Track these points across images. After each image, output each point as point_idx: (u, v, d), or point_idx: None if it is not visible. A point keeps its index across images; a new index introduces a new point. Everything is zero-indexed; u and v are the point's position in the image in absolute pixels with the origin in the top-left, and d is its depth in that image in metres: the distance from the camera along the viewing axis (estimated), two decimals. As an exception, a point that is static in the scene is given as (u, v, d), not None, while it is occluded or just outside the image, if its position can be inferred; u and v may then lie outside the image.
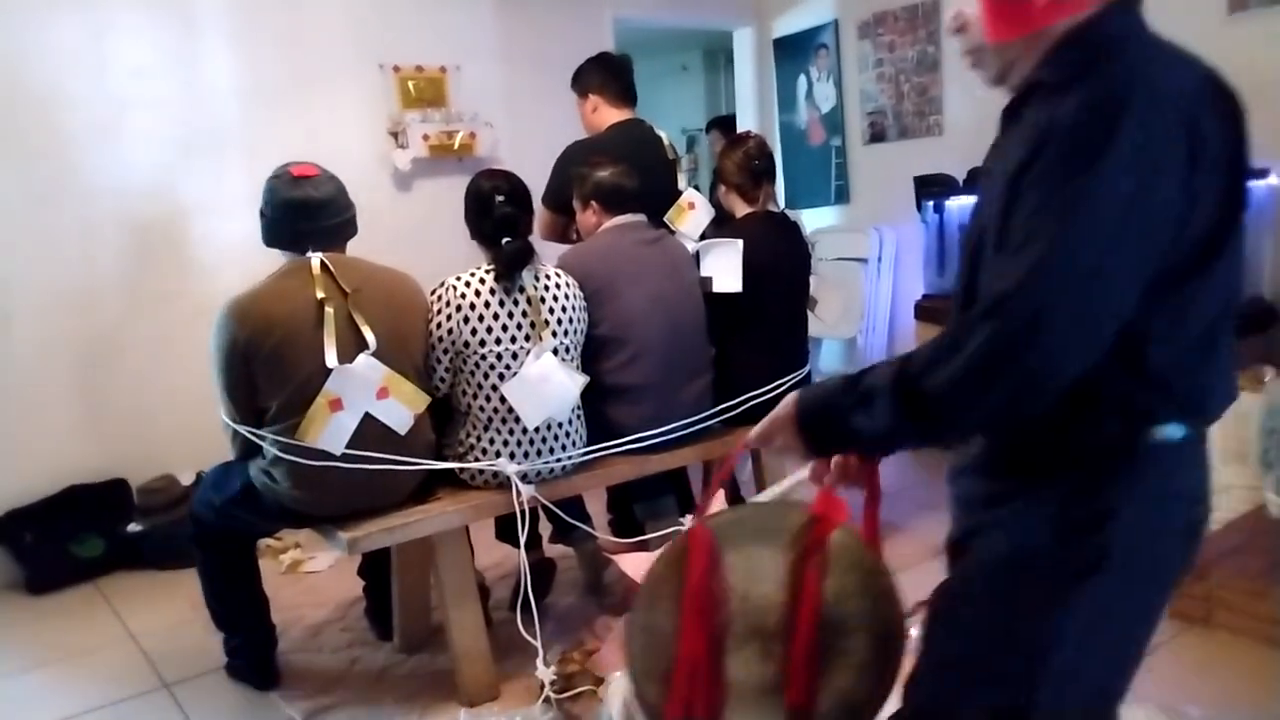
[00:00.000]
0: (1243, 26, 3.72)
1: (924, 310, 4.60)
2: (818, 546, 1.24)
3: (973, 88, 4.62)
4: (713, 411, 2.86)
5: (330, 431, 2.26)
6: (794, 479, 2.09)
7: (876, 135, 5.23)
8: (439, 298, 2.46)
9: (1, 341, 3.49)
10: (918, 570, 3.21)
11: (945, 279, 4.68)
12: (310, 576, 3.40)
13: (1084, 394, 1.10)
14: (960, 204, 4.63)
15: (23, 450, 3.54)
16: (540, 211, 3.05)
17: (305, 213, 2.35)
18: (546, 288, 2.51)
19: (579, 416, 2.61)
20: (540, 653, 2.38)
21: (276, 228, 2.39)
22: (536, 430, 2.48)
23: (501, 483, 2.46)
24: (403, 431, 2.35)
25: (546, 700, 2.33)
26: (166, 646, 2.90)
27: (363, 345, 2.29)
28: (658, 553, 1.38)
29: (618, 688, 2.06)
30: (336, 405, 2.26)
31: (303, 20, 4.04)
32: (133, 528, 3.57)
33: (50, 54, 3.53)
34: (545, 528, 2.94)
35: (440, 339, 2.44)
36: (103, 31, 3.63)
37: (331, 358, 2.24)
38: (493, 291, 2.44)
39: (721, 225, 3.17)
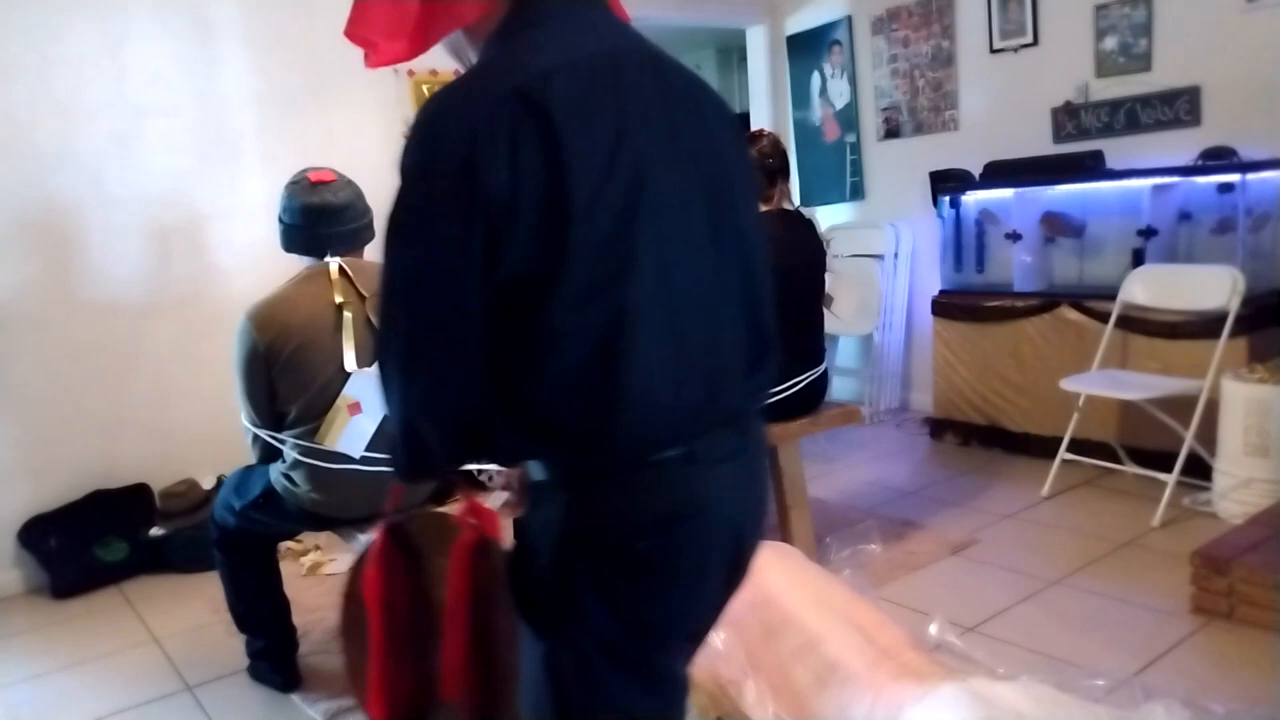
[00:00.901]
0: (1261, 16, 3.69)
1: (941, 306, 4.59)
2: (460, 553, 1.20)
3: (989, 82, 4.61)
4: (729, 410, 2.86)
5: (349, 434, 2.27)
6: None
7: (891, 131, 5.21)
8: (455, 300, 2.47)
9: (23, 348, 3.53)
10: (935, 567, 3.23)
11: (963, 274, 4.67)
12: (331, 578, 3.42)
13: (491, 443, 1.10)
14: (977, 198, 4.62)
15: (46, 456, 3.58)
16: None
17: (323, 218, 2.37)
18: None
19: (596, 417, 2.61)
20: (560, 652, 2.38)
21: (295, 233, 2.41)
22: (553, 431, 2.48)
23: (519, 483, 2.47)
24: (421, 434, 2.36)
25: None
26: (189, 649, 2.93)
27: (380, 348, 2.30)
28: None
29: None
30: (355, 409, 2.27)
31: (317, 25, 4.06)
32: (155, 532, 3.60)
33: (69, 62, 3.56)
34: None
35: (457, 341, 2.45)
36: (120, 39, 3.66)
37: (350, 361, 2.26)
38: (508, 293, 2.45)
39: (736, 224, 3.16)
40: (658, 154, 1.06)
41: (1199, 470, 3.40)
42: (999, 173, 4.41)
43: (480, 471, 1.15)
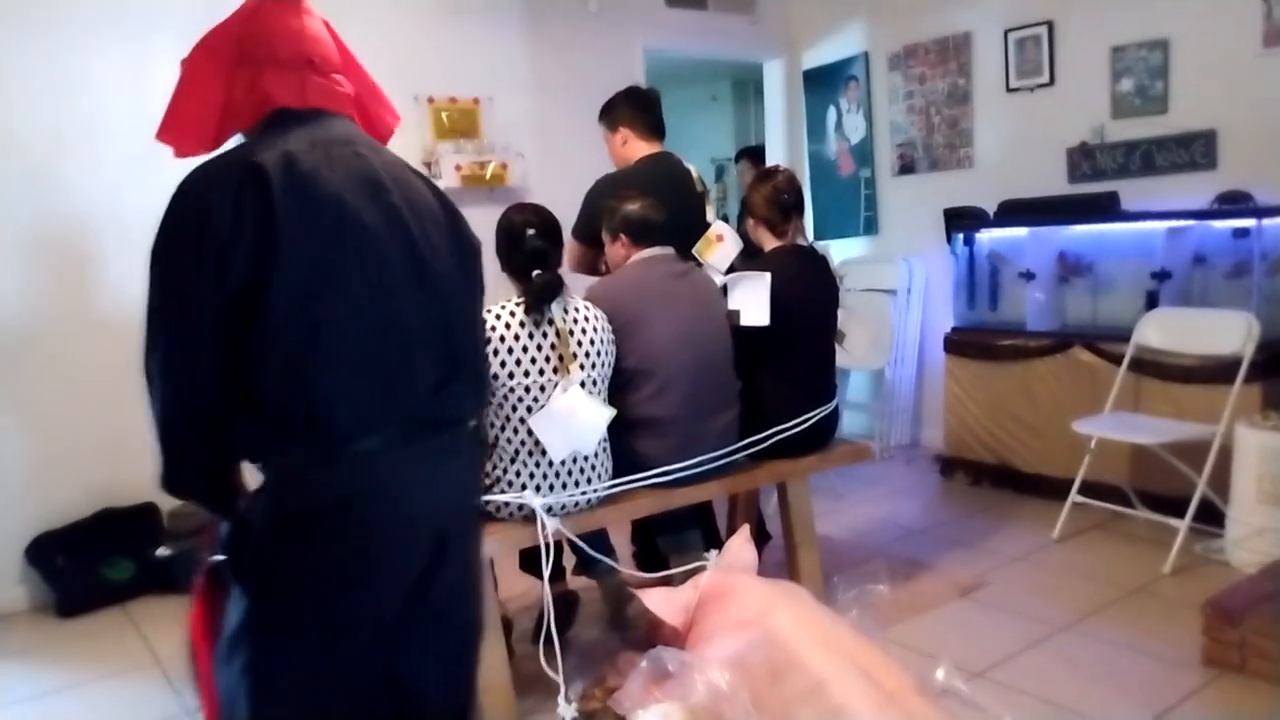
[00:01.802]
0: (1278, 61, 3.70)
1: (953, 343, 4.58)
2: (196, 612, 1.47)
3: (1005, 121, 4.62)
4: (739, 445, 2.85)
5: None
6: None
7: (906, 167, 5.22)
8: (468, 330, 2.48)
9: (37, 365, 3.55)
10: (943, 609, 3.20)
11: (975, 312, 4.66)
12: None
13: (235, 440, 1.36)
14: (991, 236, 4.62)
15: (55, 473, 3.59)
16: (570, 244, 3.07)
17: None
18: (575, 320, 2.53)
19: (605, 449, 2.61)
20: (562, 688, 2.37)
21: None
22: (562, 463, 2.48)
23: (527, 515, 2.47)
24: (429, 463, 2.36)
25: (568, 737, 2.32)
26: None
27: (391, 377, 2.30)
28: None
29: (640, 726, 2.05)
30: (364, 436, 2.27)
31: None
32: (162, 552, 3.60)
33: (93, 84, 3.61)
34: (569, 558, 2.93)
35: (468, 371, 2.45)
36: (144, 62, 3.69)
37: (361, 389, 2.26)
38: (522, 324, 2.45)
39: (750, 258, 3.17)
40: (366, 214, 1.37)
41: (1212, 516, 3.37)
42: (1013, 211, 4.41)
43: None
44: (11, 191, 3.49)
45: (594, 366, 2.54)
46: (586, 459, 2.53)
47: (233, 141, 1.49)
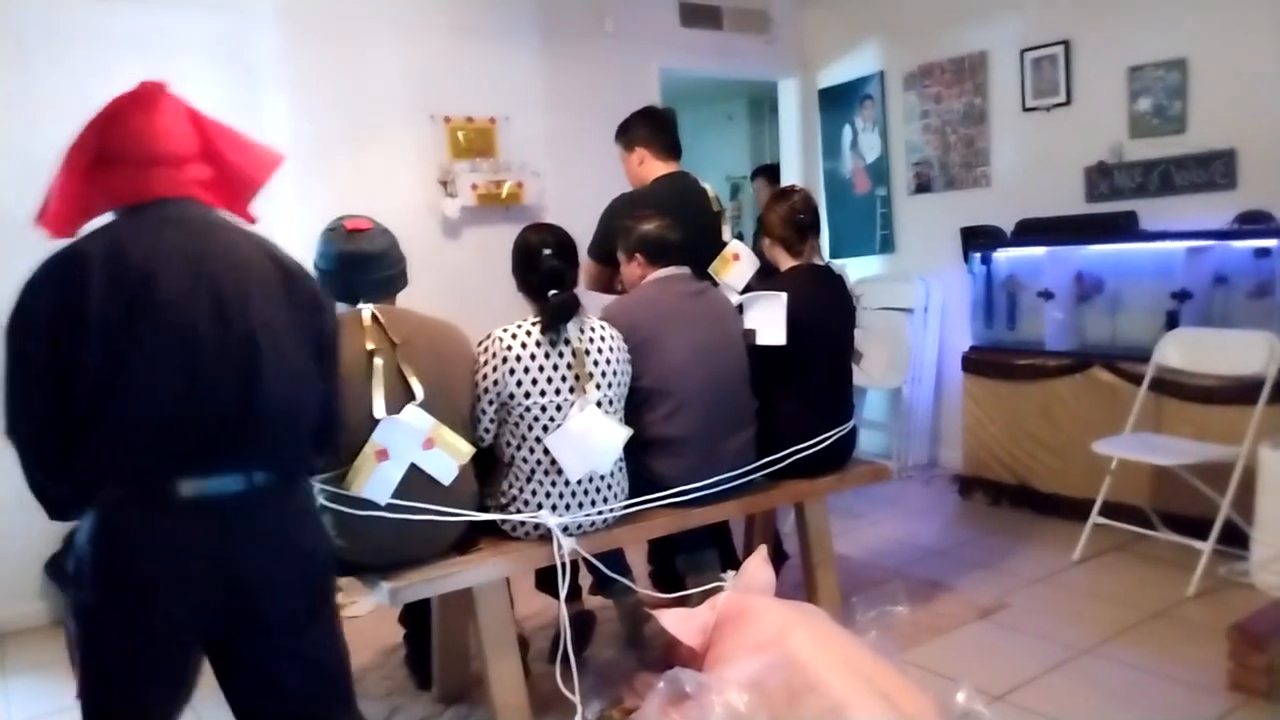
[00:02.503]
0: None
1: (971, 362, 4.56)
2: None
3: (1021, 140, 4.61)
4: (756, 465, 2.84)
5: (376, 481, 2.27)
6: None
7: (922, 185, 5.22)
8: (485, 349, 2.49)
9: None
10: (962, 631, 3.17)
11: (993, 331, 4.64)
12: (351, 621, 3.40)
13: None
14: (1009, 256, 4.60)
15: (76, 489, 3.60)
16: (586, 263, 3.07)
17: (358, 266, 2.39)
18: (591, 340, 2.53)
19: (621, 469, 2.60)
20: (579, 709, 2.36)
21: (330, 280, 2.43)
22: (579, 482, 2.48)
23: (543, 534, 2.46)
24: (447, 482, 2.36)
25: (585, 758, 2.30)
26: (209, 688, 2.91)
27: (410, 396, 2.30)
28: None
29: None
30: (383, 455, 2.27)
31: (357, 72, 4.15)
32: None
33: (116, 105, 3.65)
34: (585, 578, 2.92)
35: (486, 390, 2.46)
36: (166, 82, 3.74)
37: (379, 408, 2.26)
38: (538, 344, 2.46)
39: (766, 277, 3.17)
40: (174, 283, 1.54)
41: (1235, 538, 3.33)
42: (1031, 231, 4.40)
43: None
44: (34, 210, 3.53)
45: (610, 386, 2.54)
46: (603, 478, 2.53)
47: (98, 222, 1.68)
